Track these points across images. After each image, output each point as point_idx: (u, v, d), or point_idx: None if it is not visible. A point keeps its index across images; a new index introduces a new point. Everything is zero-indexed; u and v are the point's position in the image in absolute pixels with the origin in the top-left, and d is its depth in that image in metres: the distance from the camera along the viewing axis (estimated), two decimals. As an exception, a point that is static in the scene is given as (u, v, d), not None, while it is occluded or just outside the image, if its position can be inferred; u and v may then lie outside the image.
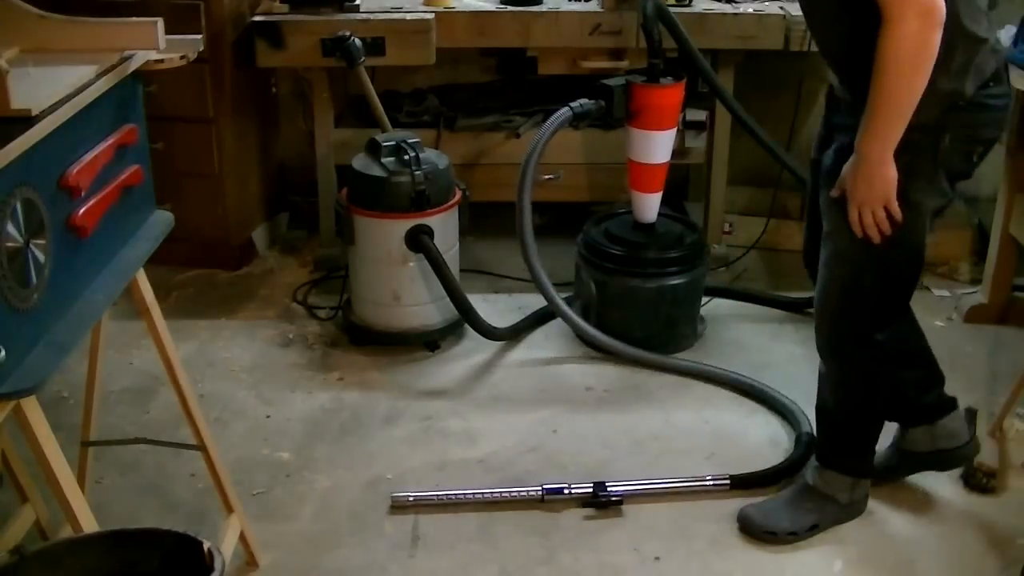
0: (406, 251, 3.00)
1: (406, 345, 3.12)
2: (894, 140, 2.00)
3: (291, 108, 3.96)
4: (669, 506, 2.48)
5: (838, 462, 2.41)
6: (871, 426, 2.40)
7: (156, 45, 1.79)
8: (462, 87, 3.93)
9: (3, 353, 1.41)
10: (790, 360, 3.11)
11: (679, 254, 3.09)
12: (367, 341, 3.14)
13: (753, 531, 2.38)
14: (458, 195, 3.11)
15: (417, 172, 2.95)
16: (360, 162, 3.06)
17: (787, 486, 2.49)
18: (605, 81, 3.04)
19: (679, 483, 2.53)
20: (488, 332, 3.11)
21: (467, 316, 3.06)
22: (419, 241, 2.97)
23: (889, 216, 2.08)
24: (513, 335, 3.20)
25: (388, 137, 3.08)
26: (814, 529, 2.38)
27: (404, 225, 2.98)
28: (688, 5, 3.35)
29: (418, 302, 3.08)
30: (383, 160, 3.00)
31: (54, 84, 1.58)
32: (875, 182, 2.04)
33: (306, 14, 3.30)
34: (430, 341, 3.14)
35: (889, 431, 2.49)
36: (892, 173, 2.03)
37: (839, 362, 2.33)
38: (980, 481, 2.53)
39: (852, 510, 2.43)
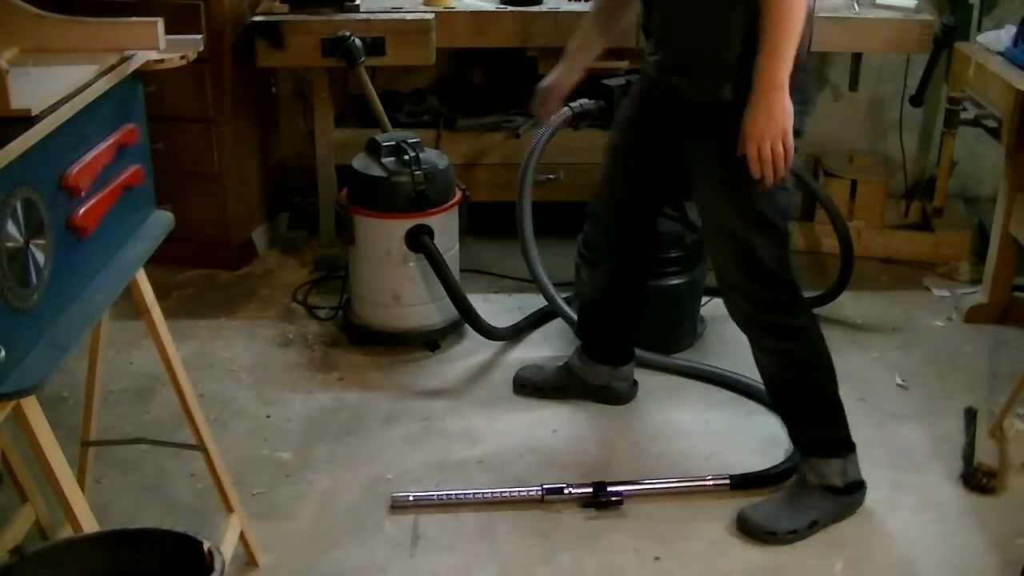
0: (406, 251, 3.00)
1: (406, 345, 3.12)
2: (790, 63, 2.09)
3: (291, 108, 3.96)
4: (669, 506, 2.48)
5: (816, 443, 2.42)
6: (827, 387, 2.41)
7: (156, 45, 1.79)
8: (462, 87, 3.92)
9: (3, 353, 1.41)
10: (790, 360, 3.11)
11: (679, 254, 3.09)
12: (367, 341, 3.14)
13: (753, 532, 2.38)
14: (458, 195, 3.10)
15: (417, 172, 2.95)
16: (360, 162, 3.05)
17: (786, 486, 2.49)
18: (605, 81, 3.04)
19: (679, 483, 2.53)
20: (488, 332, 3.10)
21: (467, 316, 3.06)
22: (419, 241, 2.97)
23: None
24: (513, 335, 3.20)
25: (388, 137, 3.07)
26: (814, 526, 2.39)
27: (404, 225, 2.97)
28: (688, 5, 3.35)
29: (418, 302, 3.08)
30: (383, 160, 2.99)
31: (54, 84, 1.58)
32: (775, 111, 2.10)
33: (306, 14, 3.31)
34: (430, 341, 3.13)
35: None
36: (789, 103, 2.11)
37: (767, 331, 2.36)
38: (980, 481, 2.53)
39: (851, 500, 2.43)
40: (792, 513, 2.40)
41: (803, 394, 2.42)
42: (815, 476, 2.41)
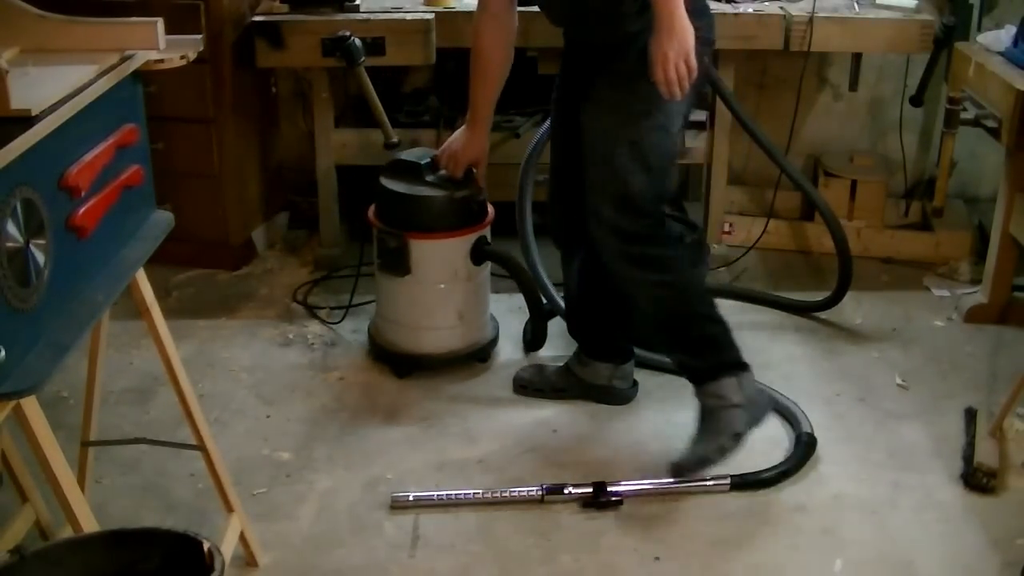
0: (471, 267, 2.93)
1: (463, 364, 3.03)
2: None
3: (291, 108, 3.96)
4: (669, 506, 2.48)
5: (704, 371, 2.52)
6: (701, 315, 2.53)
7: (156, 45, 1.80)
8: (462, 87, 3.92)
9: (3, 353, 1.41)
10: (789, 360, 3.11)
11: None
12: (421, 368, 2.99)
13: (689, 469, 2.47)
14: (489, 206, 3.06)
15: (473, 184, 2.88)
16: (402, 186, 2.88)
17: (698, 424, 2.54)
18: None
19: (679, 483, 2.53)
20: (541, 344, 3.07)
21: (540, 322, 3.00)
22: (487, 253, 2.91)
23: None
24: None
25: (418, 155, 2.96)
26: (738, 437, 2.49)
27: (470, 240, 2.89)
28: (688, 5, 3.35)
29: (478, 316, 3.02)
30: (428, 179, 2.88)
31: (54, 84, 1.58)
32: (676, 33, 2.23)
33: (306, 14, 3.30)
34: (484, 355, 3.07)
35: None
36: (688, 24, 2.25)
37: (634, 263, 2.47)
38: (980, 481, 2.53)
39: (760, 405, 2.55)
40: (711, 438, 2.48)
41: (678, 325, 2.53)
42: (715, 400, 2.50)
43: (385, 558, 2.32)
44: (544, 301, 3.13)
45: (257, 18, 3.31)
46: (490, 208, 2.99)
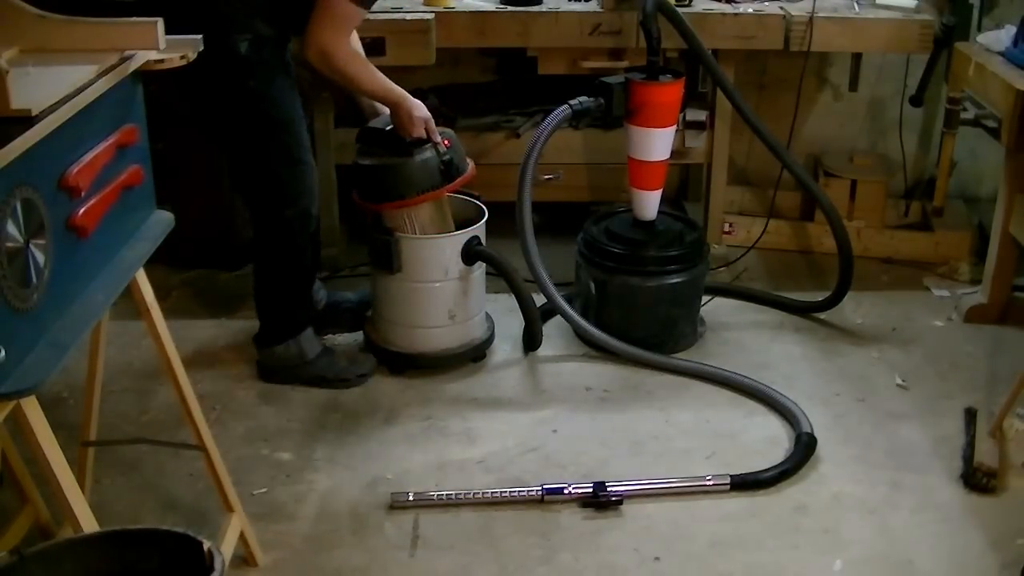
0: (462, 266, 2.94)
1: (457, 363, 3.04)
2: (382, 95, 2.84)
3: (291, 108, 3.94)
4: (669, 506, 2.48)
5: (267, 329, 2.92)
6: (269, 282, 2.90)
7: (156, 45, 1.79)
8: (462, 87, 3.93)
9: (3, 353, 1.41)
10: (790, 360, 3.11)
11: (679, 252, 3.09)
12: (415, 367, 3.01)
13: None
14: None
15: (460, 167, 2.89)
16: (376, 159, 2.89)
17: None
18: (604, 79, 3.04)
19: (679, 483, 2.53)
20: (538, 344, 3.08)
21: (532, 326, 3.02)
22: (478, 252, 2.92)
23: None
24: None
25: (385, 121, 2.91)
26: (321, 380, 2.92)
27: (460, 239, 2.91)
28: (688, 5, 3.35)
29: (471, 316, 3.03)
30: (389, 135, 2.87)
31: (54, 84, 1.58)
32: (401, 119, 2.75)
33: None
34: (479, 354, 3.08)
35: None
36: (409, 106, 2.80)
37: (262, 239, 2.86)
38: (980, 481, 2.53)
39: (313, 365, 2.94)
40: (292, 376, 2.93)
41: (278, 288, 2.90)
42: (275, 360, 2.92)
43: (385, 558, 2.32)
44: (541, 300, 3.13)
45: (257, 18, 3.30)
46: (484, 208, 3.00)
